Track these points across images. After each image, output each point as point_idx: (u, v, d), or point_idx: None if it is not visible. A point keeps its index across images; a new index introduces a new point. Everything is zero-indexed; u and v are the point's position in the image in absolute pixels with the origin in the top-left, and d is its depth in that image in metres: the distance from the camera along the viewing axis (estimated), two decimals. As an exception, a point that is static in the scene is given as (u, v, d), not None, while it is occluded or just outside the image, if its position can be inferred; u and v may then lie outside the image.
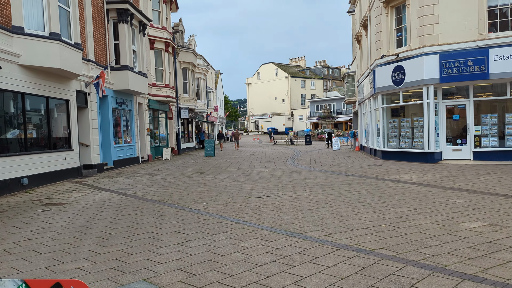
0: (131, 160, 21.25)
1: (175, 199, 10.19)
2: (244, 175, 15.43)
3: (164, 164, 21.69)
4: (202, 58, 43.63)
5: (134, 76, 20.05)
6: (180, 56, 32.63)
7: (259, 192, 10.96)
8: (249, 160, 22.58)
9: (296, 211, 8.43)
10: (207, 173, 16.54)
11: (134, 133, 21.99)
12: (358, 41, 26.06)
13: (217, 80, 59.78)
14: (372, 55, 20.69)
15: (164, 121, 28.83)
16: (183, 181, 13.94)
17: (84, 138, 16.57)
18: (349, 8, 32.95)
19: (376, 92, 19.47)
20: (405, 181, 12.51)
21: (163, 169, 18.42)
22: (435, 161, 16.71)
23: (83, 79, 16.21)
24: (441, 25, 16.10)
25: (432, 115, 16.65)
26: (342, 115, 73.85)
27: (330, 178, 13.92)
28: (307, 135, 43.99)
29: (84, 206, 9.45)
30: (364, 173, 14.88)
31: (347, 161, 20.24)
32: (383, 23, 18.65)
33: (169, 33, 27.47)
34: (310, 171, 16.44)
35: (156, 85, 25.88)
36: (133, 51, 20.78)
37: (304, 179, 13.83)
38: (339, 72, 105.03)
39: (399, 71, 17.63)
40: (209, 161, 22.96)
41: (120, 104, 20.10)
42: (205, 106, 41.12)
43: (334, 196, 10.19)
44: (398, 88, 17.85)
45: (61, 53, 13.00)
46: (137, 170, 18.46)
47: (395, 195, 10.06)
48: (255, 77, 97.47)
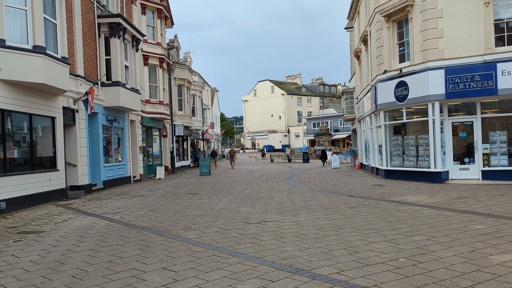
0: (122, 180, 20.28)
1: (165, 225, 9.25)
2: (241, 196, 14.52)
3: (157, 184, 20.73)
4: (198, 75, 43.04)
5: (126, 92, 19.25)
6: (175, 72, 31.96)
7: (257, 217, 10.04)
8: (245, 179, 21.67)
9: (300, 240, 7.52)
10: (201, 194, 15.61)
11: (126, 151, 21.07)
12: (357, 57, 25.49)
13: (213, 97, 59.18)
14: (373, 71, 20.04)
15: (158, 139, 27.96)
16: (176, 203, 12.99)
17: (71, 157, 15.64)
18: (347, 24, 32.56)
19: (378, 108, 18.74)
20: (414, 203, 11.65)
21: (155, 190, 17.46)
22: (442, 181, 15.88)
23: (71, 95, 15.37)
24: (446, 39, 15.47)
25: (438, 132, 15.88)
26: (339, 132, 73.30)
27: (333, 199, 13.03)
28: (304, 153, 43.18)
29: (63, 234, 8.49)
30: (368, 194, 14.02)
31: (348, 180, 19.37)
32: (384, 37, 18.03)
33: (163, 49, 26.83)
34: (311, 191, 15.55)
35: (150, 102, 25.09)
36: (125, 66, 20.03)
37: (305, 200, 12.93)
38: (336, 90, 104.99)
39: (402, 87, 16.93)
40: (204, 180, 22.03)
41: (111, 121, 19.23)
42: (200, 123, 40.33)
43: (340, 221, 9.29)
44: (401, 104, 17.12)
45: (45, 67, 12.18)
46: (128, 190, 17.49)
47: (406, 220, 9.17)
48: (251, 94, 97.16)
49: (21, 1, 11.85)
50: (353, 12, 26.59)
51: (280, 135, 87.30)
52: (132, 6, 22.98)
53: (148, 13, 25.46)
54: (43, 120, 13.67)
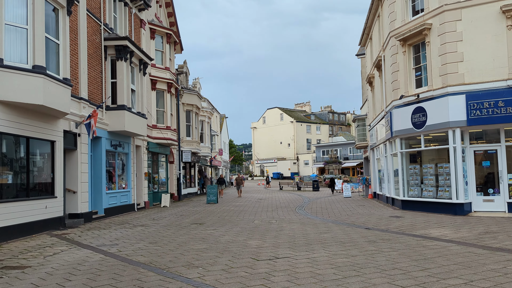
0: (125, 208, 19.41)
1: (165, 261, 8.32)
2: (249, 227, 13.55)
3: (161, 212, 19.82)
4: (207, 101, 42.68)
5: (132, 116, 18.63)
6: (184, 98, 31.51)
7: (268, 252, 9.08)
8: (254, 208, 20.68)
9: (318, 282, 6.56)
10: (207, 224, 14.66)
11: (130, 178, 20.29)
12: (369, 83, 24.81)
13: (222, 123, 58.77)
14: (388, 96, 19.26)
15: (164, 165, 27.21)
16: (179, 234, 12.06)
17: (71, 183, 14.88)
18: (359, 51, 32.09)
19: (393, 135, 17.85)
20: (439, 238, 10.61)
21: (159, 219, 16.55)
22: (465, 213, 14.78)
23: (73, 119, 14.75)
24: (466, 63, 14.70)
25: (459, 161, 14.90)
26: (348, 161, 72.18)
27: (349, 232, 12.02)
28: (314, 181, 42.12)
29: (50, 271, 7.59)
30: (386, 227, 12.98)
31: (362, 210, 18.31)
32: (400, 62, 17.33)
33: (172, 74, 26.43)
34: (324, 222, 14.54)
35: (157, 127, 24.48)
36: (132, 90, 19.50)
37: (319, 233, 11.94)
38: (345, 118, 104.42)
39: (419, 113, 16.09)
40: (211, 209, 21.08)
41: (115, 146, 18.55)
42: (209, 149, 39.63)
43: (360, 258, 8.29)
44: (419, 131, 16.23)
45: (45, 88, 11.57)
46: (130, 219, 16.60)
47: (435, 259, 8.16)
48: (260, 121, 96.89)
49: (22, 20, 11.37)
50: (365, 38, 26.09)
51: (289, 163, 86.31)
52: (141, 31, 22.70)
53: (157, 38, 25.19)
54: (42, 144, 12.99)
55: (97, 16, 17.13)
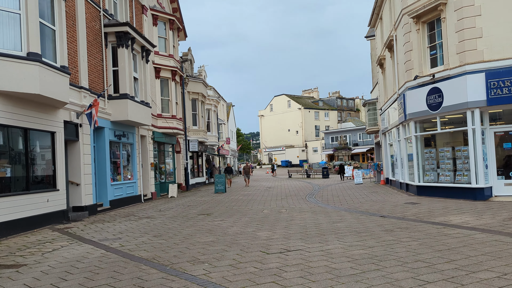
0: (131, 199, 18.97)
1: (169, 256, 7.79)
2: (258, 217, 12.99)
3: (168, 203, 19.35)
4: (213, 89, 42.00)
5: (135, 105, 18.07)
6: (189, 86, 30.88)
7: (278, 244, 8.51)
8: (263, 197, 20.13)
9: (334, 278, 5.97)
10: (215, 214, 14.14)
11: (135, 168, 19.82)
12: (380, 65, 23.93)
13: (229, 112, 58.10)
14: (400, 78, 18.45)
15: (171, 155, 26.72)
16: (185, 226, 11.54)
17: (74, 175, 14.42)
18: (368, 32, 31.11)
19: (407, 118, 17.09)
20: (460, 226, 9.96)
21: (166, 210, 16.06)
22: (485, 198, 14.07)
23: (74, 108, 14.22)
24: (486, 39, 13.85)
25: (479, 143, 14.14)
26: (358, 147, 71.26)
27: (363, 221, 11.40)
28: (324, 168, 41.44)
29: (46, 269, 7.10)
30: (402, 214, 12.34)
31: (376, 197, 17.66)
32: (413, 41, 16.49)
33: (176, 62, 25.77)
34: (336, 211, 13.94)
35: (162, 116, 23.92)
36: (134, 78, 18.91)
37: (331, 222, 11.34)
38: (353, 103, 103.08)
39: (435, 94, 15.30)
40: (219, 198, 20.57)
41: (119, 136, 18.03)
42: (216, 138, 39.06)
43: (378, 250, 7.69)
44: (434, 113, 15.46)
45: (41, 76, 11.01)
46: (136, 211, 16.14)
47: (460, 249, 7.52)
48: (267, 109, 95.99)
49: (14, 4, 10.77)
50: (375, 18, 25.14)
51: (297, 150, 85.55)
52: (143, 17, 22.01)
53: (159, 24, 24.49)
54: (42, 135, 12.48)
55: (96, 2, 16.48)
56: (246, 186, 29.19)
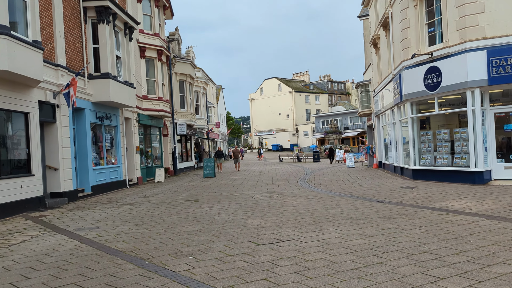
0: (115, 184, 18.14)
1: (149, 248, 7.04)
2: (248, 203, 12.29)
3: (154, 188, 18.56)
4: (202, 71, 40.88)
5: (118, 86, 17.09)
6: (177, 67, 29.80)
7: (270, 234, 7.81)
8: (254, 182, 19.44)
9: (333, 274, 5.29)
10: (202, 200, 13.41)
11: (120, 152, 18.94)
12: (374, 45, 23.12)
13: (219, 95, 57.00)
14: (396, 57, 17.69)
15: (158, 138, 25.81)
16: (170, 213, 10.80)
17: (51, 160, 13.53)
18: (361, 12, 30.19)
19: (403, 99, 16.40)
20: (463, 212, 9.36)
21: (151, 196, 15.29)
22: (484, 182, 13.51)
23: (50, 88, 13.25)
24: (488, 14, 13.11)
25: (479, 125, 13.52)
26: (349, 130, 70.79)
27: (359, 206, 10.77)
28: (315, 151, 40.88)
29: (9, 265, 6.31)
30: (400, 199, 11.73)
31: (369, 181, 17.06)
32: (410, 17, 15.69)
33: (162, 41, 24.67)
34: (330, 195, 13.29)
35: (148, 98, 22.94)
36: (117, 57, 17.88)
37: (326, 208, 10.69)
38: (344, 87, 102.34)
39: (433, 73, 14.60)
40: (207, 183, 19.83)
41: (101, 118, 17.09)
42: (205, 122, 38.15)
43: (379, 239, 7.03)
44: (432, 93, 14.79)
45: (10, 51, 10.04)
46: (120, 197, 15.34)
47: (466, 238, 6.90)
48: (258, 92, 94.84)
49: (-23, -30, 9.72)
50: (369, -3, 24.25)
51: (288, 134, 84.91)
52: (126, -8, 20.85)
53: (144, 1, 23.31)
54: (14, 116, 11.54)
55: (73, -27, 15.36)
56: (236, 171, 28.42)
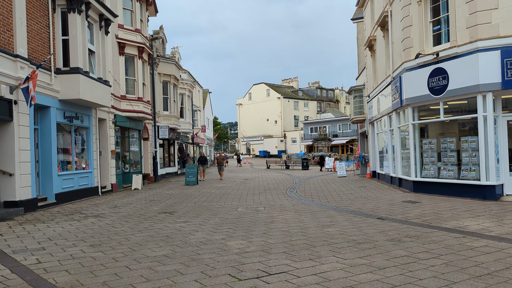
0: (86, 192, 16.36)
1: (96, 283, 5.39)
2: (231, 217, 10.69)
3: (129, 196, 16.82)
4: (188, 73, 39.24)
5: (90, 82, 15.38)
6: (160, 67, 28.14)
7: (255, 263, 6.22)
8: (239, 191, 17.83)
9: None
10: (179, 213, 11.77)
11: (92, 156, 17.17)
12: (370, 47, 21.79)
13: (206, 99, 55.34)
14: (396, 59, 16.32)
15: (137, 142, 24.05)
16: (138, 230, 9.14)
17: (5, 163, 11.76)
18: (354, 14, 28.95)
19: (403, 104, 15.01)
20: (483, 234, 7.90)
21: (122, 206, 13.58)
22: (496, 197, 12.11)
23: (6, 81, 11.52)
24: (502, 10, 11.79)
25: (491, 133, 12.12)
26: (337, 138, 69.62)
27: (359, 224, 9.25)
28: (304, 159, 39.39)
29: None
30: (404, 216, 10.26)
31: (366, 193, 15.59)
32: (413, 14, 14.34)
33: (144, 38, 23.01)
34: (324, 209, 11.76)
35: (126, 98, 21.22)
36: (90, 51, 16.20)
37: (321, 226, 9.15)
38: (333, 94, 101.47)
39: (439, 75, 13.22)
40: (188, 192, 18.16)
41: (70, 118, 15.35)
42: (190, 125, 36.43)
43: (392, 274, 5.50)
44: (437, 98, 13.40)
45: None
46: (86, 207, 13.59)
47: (503, 273, 5.42)
48: (246, 98, 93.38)
49: None
50: (364, -3, 22.96)
51: (276, 140, 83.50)
52: (104, -17, 19.18)
53: (125, -6, 21.66)
54: (-44, 112, 9.79)
55: (40, -45, 13.68)
56: (220, 180, 26.72)
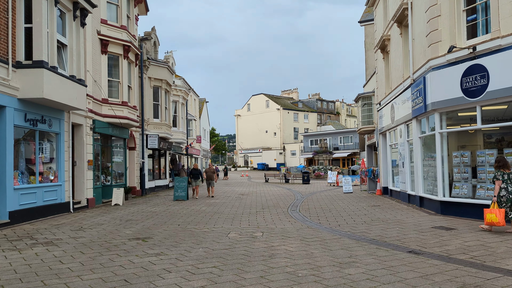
0: (52, 209, 13.89)
1: None
2: (218, 248, 8.25)
3: (104, 214, 14.35)
4: (183, 79, 37.00)
5: (58, 80, 13.04)
6: (151, 71, 25.86)
7: None
8: (233, 209, 15.39)
9: None
10: (155, 239, 9.33)
11: (63, 167, 14.74)
12: (382, 49, 19.53)
13: (202, 108, 53.05)
14: (418, 57, 14.03)
15: (122, 152, 21.63)
16: (90, 268, 6.69)
17: None
18: (362, 17, 26.81)
19: (428, 109, 12.67)
20: None
21: (89, 228, 11.11)
22: (552, 224, 9.69)
23: None
24: (560, -8, 9.54)
25: (546, 144, 9.78)
26: (338, 151, 67.25)
27: (389, 263, 6.83)
28: (304, 172, 36.90)
29: None
30: (444, 250, 7.84)
31: (382, 215, 13.14)
32: (442, 3, 12.08)
33: (130, 36, 20.76)
34: (336, 237, 9.34)
35: (109, 102, 18.85)
36: (61, 44, 13.91)
37: (338, 265, 6.72)
38: (334, 106, 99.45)
39: (476, 74, 10.91)
40: (174, 209, 15.71)
41: (33, 122, 12.97)
42: (183, 135, 34.03)
43: None
44: (473, 101, 11.07)
45: None
46: (44, 229, 11.12)
47: None
48: (245, 108, 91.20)
49: None
50: (375, -6, 20.80)
51: (275, 153, 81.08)
52: (85, -29, 16.95)
53: (109, -13, 19.45)
54: None
55: None
56: (209, 196, 21.28)
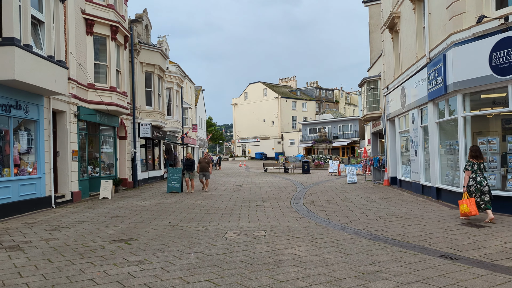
0: (31, 204, 12.54)
1: None
2: (213, 253, 6.92)
3: (88, 210, 13.00)
4: (177, 66, 35.50)
5: (32, 60, 11.58)
6: (142, 55, 24.35)
7: None
8: (230, 202, 14.07)
9: None
10: (140, 241, 7.99)
11: (42, 158, 13.35)
12: (390, 28, 18.06)
13: (198, 96, 51.49)
14: (435, 33, 12.61)
15: (112, 141, 20.23)
16: (54, 283, 5.35)
17: None
18: (366, -4, 25.27)
19: (449, 90, 11.30)
20: None
21: (67, 227, 9.77)
22: None
23: None
24: None
25: None
26: (338, 140, 65.98)
27: (422, 272, 5.52)
28: (304, 162, 35.60)
29: None
30: (483, 254, 6.55)
31: (396, 208, 11.84)
32: (466, -31, 10.65)
33: (118, 16, 19.21)
34: (350, 236, 8.02)
35: (95, 87, 17.39)
36: (37, 21, 12.42)
37: (360, 275, 5.40)
38: (332, 94, 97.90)
39: (508, 48, 9.53)
40: (167, 203, 14.38)
41: (6, 107, 11.54)
42: (179, 124, 32.62)
43: None
44: (505, 79, 9.70)
45: None
46: (15, 228, 9.77)
47: None
48: (242, 97, 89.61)
49: None
50: (382, -30, 19.28)
51: (273, 142, 79.74)
52: None
53: (94, -39, 17.85)
54: None
55: None
56: (203, 190, 18.89)
